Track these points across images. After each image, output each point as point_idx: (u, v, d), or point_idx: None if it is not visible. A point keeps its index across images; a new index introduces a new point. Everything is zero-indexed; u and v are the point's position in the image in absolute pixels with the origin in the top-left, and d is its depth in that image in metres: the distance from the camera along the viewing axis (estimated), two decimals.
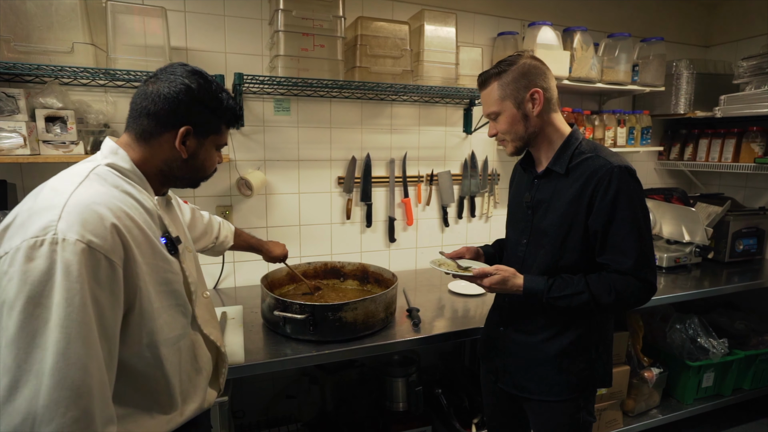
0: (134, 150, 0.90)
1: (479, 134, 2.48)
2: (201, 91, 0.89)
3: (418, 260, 2.49)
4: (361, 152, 2.27)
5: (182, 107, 0.88)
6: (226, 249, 1.56)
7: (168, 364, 0.88)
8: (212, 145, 0.97)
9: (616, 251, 1.15)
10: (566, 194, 1.19)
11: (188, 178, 0.98)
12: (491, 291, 1.26)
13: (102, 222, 0.74)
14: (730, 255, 2.54)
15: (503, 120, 1.22)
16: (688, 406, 2.38)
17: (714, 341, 2.32)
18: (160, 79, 0.89)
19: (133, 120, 0.90)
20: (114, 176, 0.85)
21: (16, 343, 0.66)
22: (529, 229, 1.28)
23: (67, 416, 0.67)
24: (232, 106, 0.97)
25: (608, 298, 1.14)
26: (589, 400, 1.31)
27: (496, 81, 1.20)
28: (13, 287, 0.67)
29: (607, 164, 1.14)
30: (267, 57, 2.03)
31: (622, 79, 2.38)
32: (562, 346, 1.25)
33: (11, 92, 1.59)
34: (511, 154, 1.29)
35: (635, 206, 1.14)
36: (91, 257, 0.71)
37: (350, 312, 1.53)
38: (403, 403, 1.97)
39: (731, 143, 2.56)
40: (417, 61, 2.06)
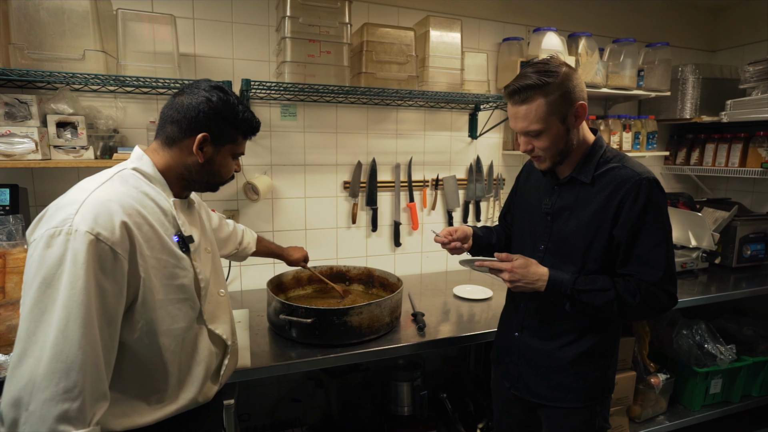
0: (159, 155, 1.01)
1: (484, 139, 2.49)
2: (219, 103, 0.99)
3: (423, 264, 2.49)
4: (367, 157, 2.28)
5: (201, 116, 0.97)
6: (249, 255, 1.65)
7: (167, 352, 0.95)
8: (228, 153, 1.05)
9: (641, 263, 1.14)
10: (591, 203, 1.18)
11: (205, 182, 1.06)
12: (512, 279, 1.19)
13: (112, 217, 0.83)
14: (738, 260, 2.52)
15: (547, 137, 1.14)
16: (696, 413, 2.36)
17: (721, 347, 2.30)
18: (185, 92, 1.00)
19: (161, 127, 1.01)
20: (136, 178, 0.96)
21: (29, 317, 0.77)
22: (548, 235, 1.26)
23: (59, 386, 0.75)
24: (248, 118, 1.05)
25: (633, 301, 1.12)
26: (604, 405, 1.30)
27: (541, 97, 1.10)
28: (33, 269, 0.79)
29: (635, 175, 1.13)
30: (274, 63, 2.05)
31: (628, 84, 2.38)
32: (579, 353, 1.24)
33: (24, 98, 1.62)
34: (546, 169, 1.23)
35: (663, 218, 1.13)
36: (98, 248, 0.80)
37: (356, 316, 1.53)
38: (408, 407, 1.97)
39: (738, 148, 2.55)
40: (422, 67, 2.08)
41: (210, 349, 1.07)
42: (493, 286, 2.23)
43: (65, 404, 0.76)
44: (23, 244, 1.53)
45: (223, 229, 1.51)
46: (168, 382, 0.97)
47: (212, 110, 0.98)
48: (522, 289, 1.21)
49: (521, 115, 1.14)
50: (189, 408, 1.03)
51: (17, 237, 1.54)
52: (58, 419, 0.75)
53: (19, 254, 1.51)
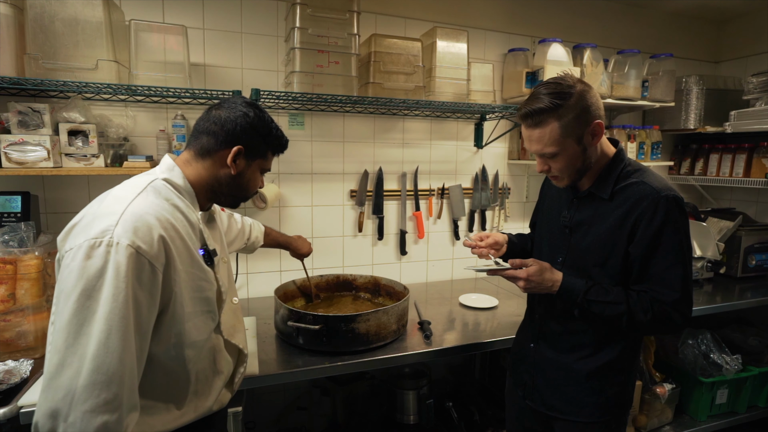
0: (192, 166, 1.03)
1: (490, 148, 2.50)
2: (255, 119, 1.03)
3: (429, 273, 2.50)
4: (374, 166, 2.30)
5: (239, 129, 1.01)
6: (258, 247, 1.68)
7: (190, 363, 0.97)
8: (258, 167, 1.09)
9: (657, 282, 1.12)
10: (609, 219, 1.16)
11: (232, 195, 1.09)
12: (527, 286, 1.19)
13: (151, 231, 0.84)
14: (743, 270, 2.52)
15: (563, 158, 1.13)
16: (702, 423, 2.35)
17: (727, 357, 2.30)
18: (222, 107, 1.04)
19: (195, 138, 1.04)
20: (168, 190, 0.97)
21: (67, 328, 0.76)
22: (566, 248, 1.25)
23: (100, 398, 0.75)
24: (279, 135, 1.10)
25: (643, 317, 1.11)
26: (620, 422, 1.29)
27: (554, 120, 1.08)
28: (72, 279, 0.78)
29: (654, 192, 1.10)
30: (282, 73, 2.08)
31: (632, 94, 2.40)
32: (595, 367, 1.23)
33: (37, 107, 1.65)
34: (564, 187, 1.23)
35: (680, 238, 1.10)
36: (138, 261, 0.81)
37: (363, 323, 1.54)
38: (413, 415, 1.97)
39: (742, 158, 2.56)
40: (429, 77, 2.10)
41: (227, 358, 1.10)
42: (499, 294, 2.24)
43: (105, 416, 0.76)
44: (34, 251, 1.54)
45: (232, 227, 1.53)
46: (187, 391, 0.99)
47: (249, 125, 1.01)
48: (535, 292, 1.22)
49: (535, 138, 1.13)
50: (205, 416, 1.05)
51: (29, 244, 1.56)
52: (98, 430, 0.75)
53: (30, 261, 1.52)
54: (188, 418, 1.00)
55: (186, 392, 0.98)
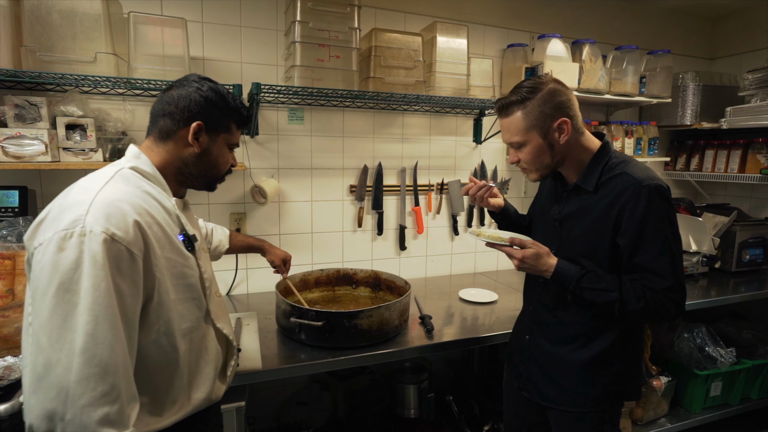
0: (154, 152, 1.00)
1: (489, 144, 2.51)
2: (210, 92, 1.01)
3: (428, 268, 2.51)
4: (373, 161, 2.30)
5: (193, 105, 0.98)
6: (222, 253, 1.57)
7: (181, 353, 0.94)
8: (224, 143, 1.05)
9: (646, 271, 1.13)
10: (594, 211, 1.19)
11: (203, 176, 1.05)
12: (521, 266, 1.20)
13: (125, 217, 0.81)
14: (737, 265, 2.55)
15: (528, 151, 1.19)
16: (696, 415, 2.39)
17: (722, 350, 2.33)
18: (175, 86, 1.02)
19: (153, 123, 1.01)
20: (136, 178, 0.94)
21: (49, 325, 0.73)
22: (557, 240, 1.27)
23: (97, 390, 0.73)
24: (238, 106, 1.06)
25: (636, 305, 1.12)
26: (614, 413, 1.30)
27: (519, 110, 1.15)
28: (46, 275, 0.74)
29: (635, 182, 1.12)
30: (282, 67, 2.06)
31: (630, 90, 2.42)
32: (588, 358, 1.24)
33: (34, 101, 1.62)
34: (534, 181, 1.27)
35: (664, 227, 1.12)
36: (114, 248, 0.78)
37: (365, 319, 1.54)
38: (414, 409, 1.98)
39: (737, 154, 2.59)
40: (429, 72, 2.10)
41: (217, 348, 1.07)
42: (498, 289, 2.25)
43: (105, 408, 0.74)
44: None
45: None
46: (180, 383, 0.97)
47: (204, 99, 0.99)
48: (528, 272, 1.24)
49: (504, 128, 1.22)
50: (202, 408, 1.03)
51: None
52: (100, 423, 0.73)
53: None
54: (185, 412, 0.98)
55: (179, 384, 0.96)
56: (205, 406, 1.04)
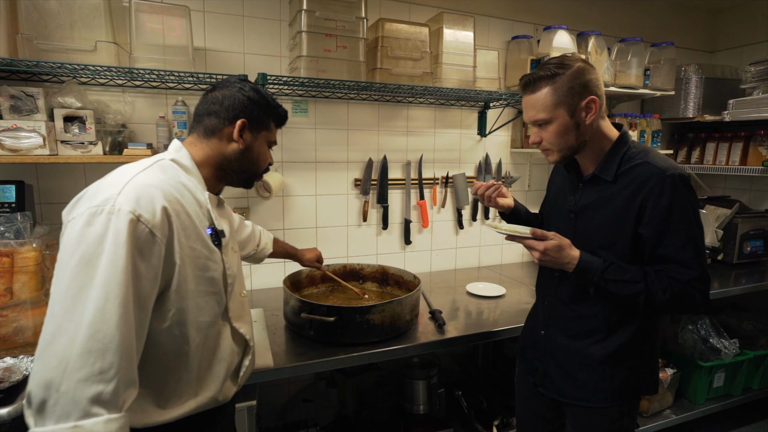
0: (197, 147, 1.03)
1: (493, 137, 2.49)
2: (251, 92, 1.05)
3: (433, 263, 2.48)
4: (378, 154, 2.26)
5: (238, 104, 1.03)
6: (266, 256, 1.64)
7: (193, 345, 0.94)
8: (264, 140, 1.09)
9: (672, 261, 1.11)
10: (614, 202, 1.16)
11: (244, 171, 1.08)
12: (542, 258, 1.16)
13: (153, 201, 0.84)
14: (738, 257, 2.57)
15: (553, 129, 1.15)
16: (700, 406, 2.40)
17: (725, 341, 2.34)
18: (218, 88, 1.05)
19: (197, 122, 1.04)
20: (174, 169, 0.96)
21: (65, 295, 0.74)
22: (572, 233, 1.23)
23: (95, 366, 0.72)
24: (277, 105, 1.11)
25: (662, 296, 1.10)
26: (633, 406, 1.28)
27: (548, 85, 1.11)
28: (71, 246, 0.77)
29: (660, 172, 1.09)
30: (286, 58, 2.02)
31: (634, 83, 2.41)
32: (607, 352, 1.22)
33: (30, 91, 1.56)
34: (555, 163, 1.24)
35: (689, 216, 1.09)
36: (139, 229, 0.80)
37: (378, 314, 1.51)
38: (423, 405, 1.96)
39: (739, 147, 2.60)
40: (435, 64, 2.06)
41: (232, 347, 1.05)
42: (505, 283, 2.24)
43: (99, 386, 0.72)
44: (32, 243, 1.47)
45: (243, 230, 1.51)
46: (188, 378, 0.95)
47: (247, 98, 1.03)
48: (549, 266, 1.20)
49: (530, 105, 1.17)
50: (208, 407, 1.00)
51: (26, 235, 1.48)
52: (91, 401, 0.71)
53: (27, 253, 1.45)
54: (189, 408, 0.95)
55: (187, 378, 0.95)
56: (212, 406, 1.01)
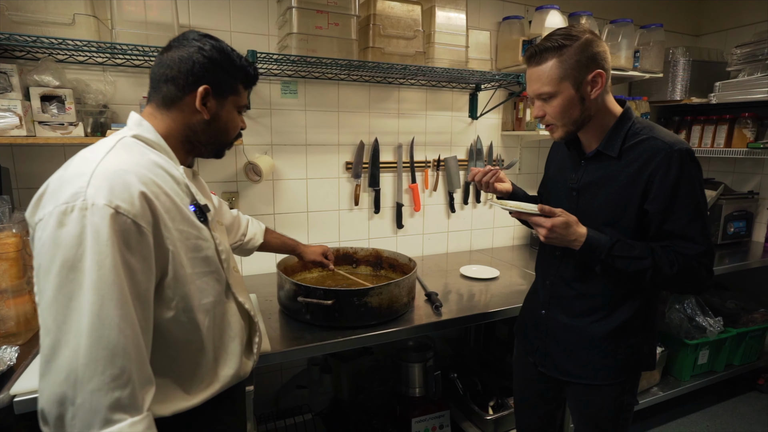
0: (158, 119, 0.91)
1: (484, 120, 2.47)
2: (213, 51, 0.91)
3: (425, 246, 2.47)
4: (369, 137, 2.22)
5: (197, 68, 0.89)
6: (256, 248, 1.50)
7: (204, 329, 0.90)
8: (232, 106, 0.97)
9: (677, 237, 1.11)
10: (619, 178, 1.15)
11: (212, 143, 0.98)
12: (549, 236, 1.13)
13: (129, 188, 0.75)
14: (722, 237, 2.63)
15: (557, 103, 1.12)
16: (686, 383, 2.47)
17: (710, 320, 2.40)
18: (173, 47, 0.91)
19: (154, 89, 0.92)
20: (140, 146, 0.87)
21: (54, 305, 0.69)
22: (573, 211, 1.21)
23: (106, 374, 0.69)
24: (244, 65, 0.96)
25: (669, 270, 1.10)
26: (634, 383, 1.30)
27: (554, 57, 1.08)
28: (48, 252, 0.70)
29: (666, 147, 1.08)
30: (274, 37, 1.95)
31: (624, 64, 2.41)
32: (609, 330, 1.22)
33: (3, 68, 1.47)
34: (559, 139, 1.21)
35: (696, 192, 1.09)
36: (120, 222, 0.72)
37: (375, 297, 1.49)
38: (419, 388, 1.95)
39: (723, 129, 2.64)
40: (428, 43, 2.02)
41: (240, 323, 1.02)
42: (497, 265, 2.24)
43: (116, 392, 0.69)
44: (12, 228, 1.39)
45: (224, 214, 1.36)
46: (207, 361, 0.92)
47: (208, 60, 0.89)
48: (554, 243, 1.17)
49: (534, 77, 1.13)
50: (231, 385, 0.99)
51: (4, 220, 1.41)
52: (111, 408, 0.69)
53: (7, 239, 1.38)
54: (214, 389, 0.94)
55: (206, 361, 0.92)
56: (235, 382, 1.00)
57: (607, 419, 1.30)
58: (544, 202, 1.47)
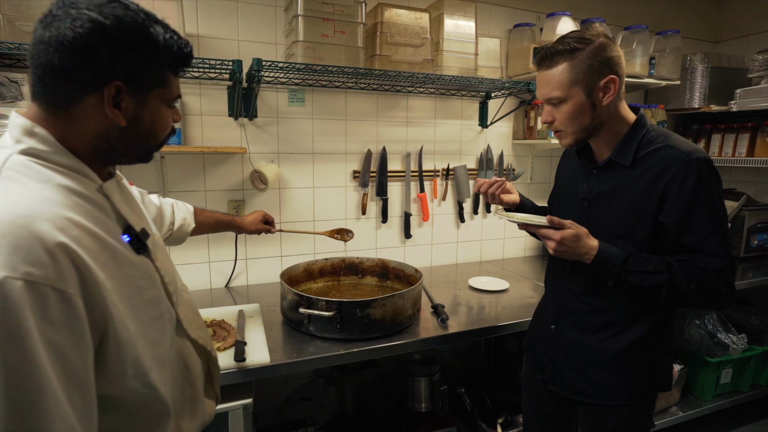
0: (51, 124, 0.65)
1: (495, 128, 2.43)
2: (121, 27, 0.63)
3: (434, 257, 2.42)
4: (377, 146, 2.20)
5: (101, 56, 0.62)
6: (189, 233, 1.30)
7: (161, 386, 0.73)
8: (158, 101, 0.72)
9: (695, 251, 1.05)
10: (633, 188, 1.09)
11: (135, 149, 0.74)
12: (558, 248, 1.08)
13: (40, 242, 0.55)
14: (745, 250, 2.52)
15: (567, 108, 1.07)
16: (707, 403, 2.35)
17: (734, 336, 2.29)
18: (58, 18, 0.61)
19: (39, 84, 0.64)
20: (38, 168, 0.62)
21: None
22: (585, 223, 1.16)
23: None
24: (170, 43, 0.69)
25: (687, 287, 1.03)
26: (649, 404, 1.23)
27: (566, 61, 1.03)
28: None
29: (683, 155, 1.03)
30: (282, 46, 1.95)
31: (639, 71, 2.35)
32: (622, 347, 1.16)
33: (14, 77, 1.49)
34: (568, 146, 1.16)
35: (715, 202, 1.03)
36: (34, 294, 0.53)
37: (379, 309, 1.45)
38: (426, 403, 1.90)
39: (745, 137, 2.55)
40: (436, 51, 2.00)
41: (197, 361, 0.87)
42: (507, 277, 2.18)
43: None
44: None
45: (148, 207, 1.16)
46: (168, 420, 0.77)
47: (113, 42, 0.62)
48: (564, 257, 1.12)
49: (544, 81, 1.09)
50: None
51: None
52: None
53: None
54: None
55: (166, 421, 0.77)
56: (200, 430, 0.89)
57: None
58: (554, 214, 1.41)
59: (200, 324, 0.90)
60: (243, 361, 1.28)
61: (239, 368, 1.28)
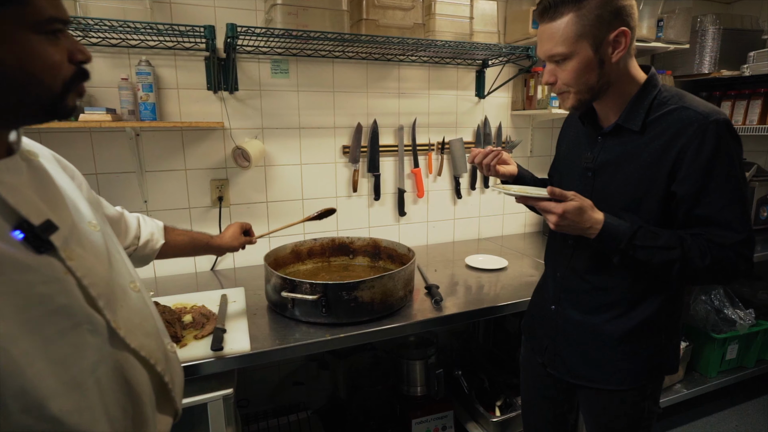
0: None
1: (492, 98, 2.30)
2: None
3: (430, 235, 2.33)
4: (367, 118, 2.08)
5: None
6: (156, 251, 1.12)
7: (74, 415, 0.57)
8: (22, 30, 0.53)
9: (713, 223, 0.95)
10: (642, 155, 0.99)
11: (19, 106, 0.57)
12: (559, 222, 0.98)
13: None
14: (754, 222, 2.41)
15: (572, 66, 0.96)
16: (712, 380, 2.30)
17: (741, 312, 2.22)
18: None
19: None
20: None
21: None
22: (588, 194, 1.05)
23: None
24: None
25: (701, 263, 0.94)
26: (655, 386, 1.15)
27: (571, 11, 0.92)
28: None
29: (700, 117, 0.92)
30: (262, 12, 1.81)
31: (646, 35, 2.20)
32: (627, 329, 1.07)
33: None
34: (571, 109, 1.04)
35: (735, 169, 0.93)
36: None
37: (367, 291, 1.37)
38: (421, 386, 1.84)
39: (757, 104, 2.41)
40: (428, 15, 1.86)
41: (143, 374, 0.71)
42: (505, 255, 2.09)
43: None
44: None
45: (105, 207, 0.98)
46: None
47: None
48: (566, 231, 1.01)
49: (547, 36, 0.97)
50: None
51: None
52: None
53: None
54: None
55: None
56: None
57: (624, 428, 1.15)
58: (555, 185, 1.31)
59: (148, 330, 0.74)
60: (221, 350, 1.20)
61: (216, 357, 1.20)
